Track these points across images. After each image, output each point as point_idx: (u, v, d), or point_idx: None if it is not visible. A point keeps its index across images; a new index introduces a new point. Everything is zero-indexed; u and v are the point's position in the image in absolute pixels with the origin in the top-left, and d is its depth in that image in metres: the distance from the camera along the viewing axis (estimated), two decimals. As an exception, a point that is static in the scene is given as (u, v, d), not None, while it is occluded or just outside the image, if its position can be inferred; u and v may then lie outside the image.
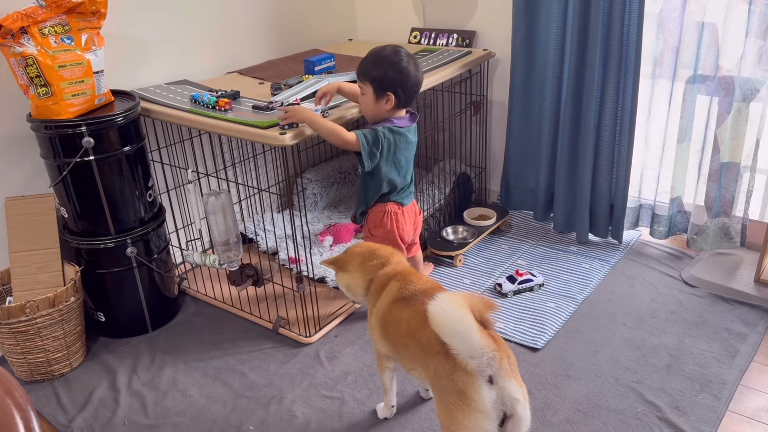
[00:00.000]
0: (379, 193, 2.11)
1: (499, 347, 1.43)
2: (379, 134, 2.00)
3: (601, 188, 2.63)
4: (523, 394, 1.45)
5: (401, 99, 2.02)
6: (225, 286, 2.50)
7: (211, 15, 2.61)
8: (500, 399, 1.42)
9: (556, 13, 2.50)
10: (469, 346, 1.40)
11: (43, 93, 1.96)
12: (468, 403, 1.42)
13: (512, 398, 1.42)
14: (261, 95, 2.28)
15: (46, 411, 1.99)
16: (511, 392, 1.42)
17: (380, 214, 2.15)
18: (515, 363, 1.47)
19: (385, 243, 2.15)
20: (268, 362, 2.14)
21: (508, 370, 1.43)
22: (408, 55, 2.01)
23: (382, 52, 2.02)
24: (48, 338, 2.05)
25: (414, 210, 2.22)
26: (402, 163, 2.09)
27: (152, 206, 2.27)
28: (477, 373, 1.41)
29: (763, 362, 2.03)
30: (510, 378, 1.43)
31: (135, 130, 2.15)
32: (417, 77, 2.02)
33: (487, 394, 1.41)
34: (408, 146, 2.09)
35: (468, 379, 1.42)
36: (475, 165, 3.02)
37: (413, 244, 2.32)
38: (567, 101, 2.58)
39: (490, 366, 1.41)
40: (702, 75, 2.40)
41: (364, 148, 1.99)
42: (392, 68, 1.98)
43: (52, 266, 2.15)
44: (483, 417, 1.42)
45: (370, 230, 2.21)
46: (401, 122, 2.06)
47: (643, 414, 1.85)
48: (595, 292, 2.42)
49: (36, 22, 1.93)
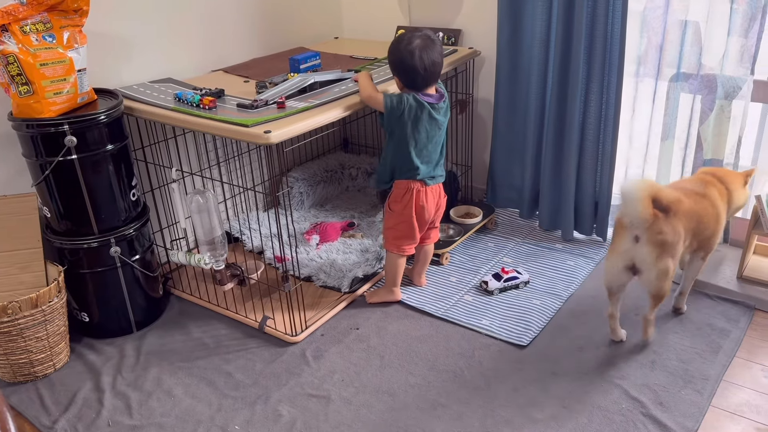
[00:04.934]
0: (400, 165, 2.18)
1: (654, 224, 1.88)
2: (403, 97, 2.11)
3: (585, 186, 2.65)
4: (653, 260, 1.92)
5: (405, 81, 2.13)
6: (210, 285, 2.49)
7: (196, 12, 2.59)
8: (634, 254, 1.94)
9: (540, 12, 2.51)
10: (631, 211, 1.88)
11: (24, 91, 1.94)
12: (613, 247, 2.01)
13: (642, 258, 1.93)
14: (246, 93, 2.27)
15: (29, 412, 1.97)
16: (645, 254, 1.92)
17: (403, 190, 2.22)
18: (665, 240, 1.90)
19: (400, 220, 2.24)
20: (254, 362, 2.14)
21: (651, 239, 1.90)
22: (416, 40, 2.07)
23: (399, 37, 2.13)
24: (31, 339, 2.03)
25: (437, 190, 2.28)
26: (422, 136, 2.14)
27: (136, 205, 2.25)
28: (628, 229, 1.93)
29: (746, 358, 2.06)
30: (649, 245, 1.91)
31: (118, 128, 2.13)
32: (415, 63, 2.06)
33: (626, 245, 1.95)
34: (432, 122, 2.15)
35: (620, 231, 1.97)
36: (461, 163, 3.03)
37: (433, 227, 2.37)
38: (552, 99, 2.59)
39: (639, 230, 1.90)
40: (685, 73, 2.42)
41: (386, 106, 2.10)
42: (392, 53, 2.11)
43: (35, 266, 2.13)
44: (616, 258, 1.99)
45: (389, 204, 2.27)
46: (427, 98, 2.13)
47: (627, 410, 1.86)
48: (580, 289, 2.44)
49: (17, 19, 1.91)
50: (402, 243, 2.30)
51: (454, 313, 2.32)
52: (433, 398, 1.94)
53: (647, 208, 1.86)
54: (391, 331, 2.26)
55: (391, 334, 2.24)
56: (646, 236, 1.90)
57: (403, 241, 2.29)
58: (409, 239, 2.29)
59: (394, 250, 2.31)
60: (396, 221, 2.27)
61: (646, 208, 1.86)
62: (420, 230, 2.29)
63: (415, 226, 2.26)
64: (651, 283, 1.97)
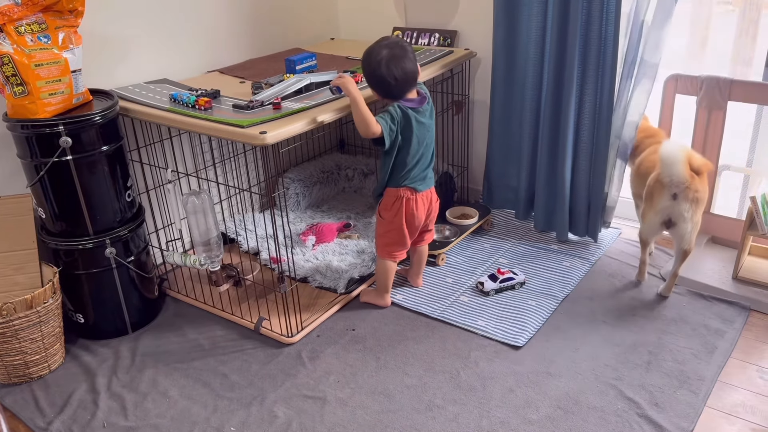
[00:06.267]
0: (392, 171, 2.18)
1: (693, 184, 2.12)
2: (391, 111, 2.11)
3: (580, 187, 2.65)
4: (690, 215, 2.16)
5: (381, 93, 2.13)
6: (206, 286, 2.48)
7: (192, 13, 2.59)
8: (672, 210, 2.17)
9: (536, 14, 2.52)
10: (671, 172, 2.10)
11: (19, 92, 1.94)
12: (652, 204, 2.21)
13: (680, 214, 2.16)
14: (241, 94, 2.27)
15: (24, 414, 1.96)
16: (682, 210, 2.16)
17: (392, 198, 2.22)
18: (700, 198, 2.15)
19: (390, 227, 2.23)
20: (250, 363, 2.13)
21: (688, 196, 2.14)
22: (383, 51, 2.05)
23: (368, 50, 2.11)
24: (26, 340, 2.03)
25: (429, 196, 2.28)
26: (413, 142, 2.14)
27: (131, 206, 2.25)
28: (667, 188, 2.14)
29: (741, 358, 2.06)
30: (687, 201, 2.14)
31: (113, 129, 2.13)
32: (384, 74, 2.05)
33: (665, 203, 2.17)
34: (420, 126, 2.14)
35: (660, 190, 2.17)
36: (457, 164, 3.03)
37: (426, 230, 2.38)
38: (546, 101, 2.59)
39: (678, 188, 2.12)
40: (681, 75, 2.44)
41: (385, 128, 2.07)
42: (364, 67, 2.11)
43: (30, 267, 2.13)
44: (655, 214, 2.21)
45: (380, 212, 2.28)
46: (408, 103, 2.13)
47: (622, 410, 1.86)
48: (576, 290, 2.44)
49: (12, 20, 1.91)
50: (393, 249, 2.30)
51: (450, 313, 2.32)
52: (428, 399, 1.94)
53: (687, 169, 2.10)
54: (387, 332, 2.26)
55: (387, 335, 2.24)
56: (683, 194, 2.13)
57: (393, 248, 2.30)
58: (400, 245, 2.30)
59: (386, 257, 2.32)
60: (386, 228, 2.27)
61: (686, 170, 2.10)
62: (411, 236, 2.30)
63: (405, 233, 2.26)
64: (684, 235, 2.20)
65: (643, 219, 2.31)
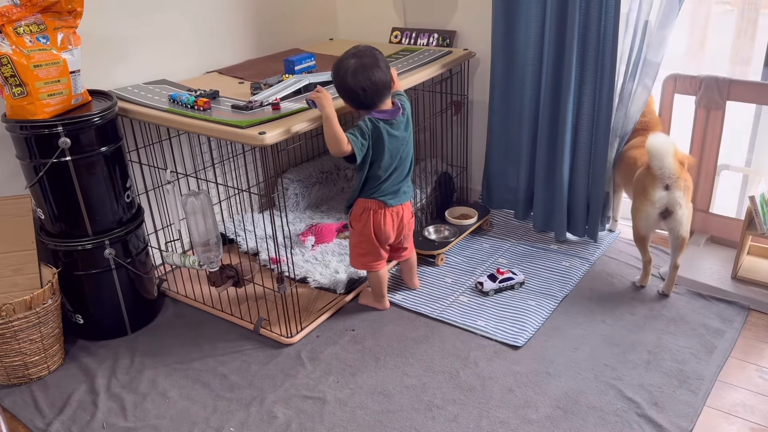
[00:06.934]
0: (364, 183, 2.14)
1: (682, 174, 2.18)
2: (361, 125, 2.06)
3: (578, 187, 2.65)
4: (685, 202, 2.20)
5: (351, 104, 2.09)
6: (205, 287, 2.48)
7: (190, 14, 2.59)
8: (667, 200, 2.20)
9: (534, 14, 2.52)
10: (662, 164, 2.15)
11: (18, 93, 1.94)
12: (647, 197, 2.23)
13: (675, 201, 2.19)
14: (240, 95, 2.27)
15: (23, 415, 1.96)
16: (677, 198, 2.19)
17: (360, 209, 2.19)
18: (689, 186, 2.21)
19: (361, 239, 2.19)
20: (249, 363, 2.13)
21: (681, 185, 2.19)
22: (351, 61, 2.02)
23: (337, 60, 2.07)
24: (25, 341, 2.03)
25: (400, 212, 2.22)
26: (385, 156, 2.09)
27: (130, 207, 2.25)
28: (659, 180, 2.18)
29: (740, 358, 2.06)
30: (680, 190, 2.19)
31: (112, 130, 2.13)
32: (350, 85, 2.02)
33: (659, 194, 2.20)
34: (391, 139, 2.09)
35: (653, 183, 2.21)
36: (456, 164, 3.03)
37: (401, 247, 2.34)
38: (545, 101, 2.59)
39: (669, 179, 2.17)
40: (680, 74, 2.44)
41: (356, 144, 2.03)
42: (333, 77, 2.07)
43: (29, 268, 2.13)
44: (651, 206, 2.22)
45: (351, 222, 2.25)
46: (380, 114, 2.08)
47: (622, 410, 1.86)
48: (575, 290, 2.44)
49: (11, 21, 1.90)
50: (367, 260, 2.27)
51: (450, 314, 2.32)
52: (428, 399, 1.94)
53: (676, 161, 2.17)
54: (387, 332, 2.26)
55: (387, 336, 2.24)
56: (675, 184, 2.19)
57: (367, 258, 2.27)
58: (375, 256, 2.26)
59: (360, 267, 2.31)
60: (357, 239, 2.25)
61: (676, 161, 2.17)
62: (382, 247, 2.25)
63: (376, 244, 2.23)
64: (683, 221, 2.23)
65: (637, 213, 2.29)
